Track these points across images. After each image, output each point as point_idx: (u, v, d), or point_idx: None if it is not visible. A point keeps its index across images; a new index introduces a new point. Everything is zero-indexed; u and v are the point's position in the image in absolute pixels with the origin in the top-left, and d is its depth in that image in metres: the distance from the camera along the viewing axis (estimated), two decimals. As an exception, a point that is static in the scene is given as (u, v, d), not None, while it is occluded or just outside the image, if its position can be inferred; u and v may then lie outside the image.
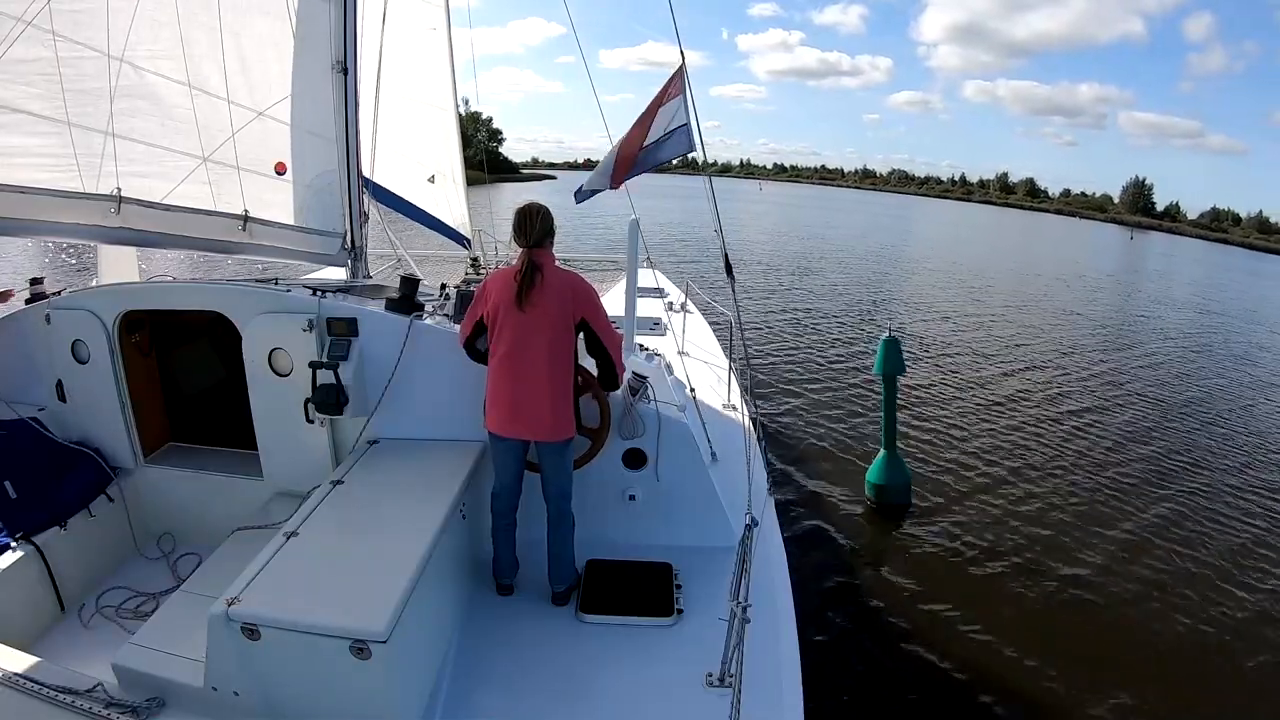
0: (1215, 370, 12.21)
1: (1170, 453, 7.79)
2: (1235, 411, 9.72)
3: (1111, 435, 8.16)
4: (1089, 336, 14.10)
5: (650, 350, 3.92)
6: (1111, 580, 5.07)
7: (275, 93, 3.51)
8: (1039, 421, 8.40)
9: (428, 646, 2.28)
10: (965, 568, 5.10)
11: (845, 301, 15.45)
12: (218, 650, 1.95)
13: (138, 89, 3.08)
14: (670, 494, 3.04)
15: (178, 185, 3.25)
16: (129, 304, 3.16)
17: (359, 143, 3.81)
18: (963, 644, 4.26)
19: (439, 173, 5.87)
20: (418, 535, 2.27)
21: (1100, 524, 5.89)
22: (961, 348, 12.04)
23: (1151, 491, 6.67)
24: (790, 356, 10.44)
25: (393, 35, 4.51)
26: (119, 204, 3.03)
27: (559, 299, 2.55)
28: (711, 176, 3.38)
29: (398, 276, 3.30)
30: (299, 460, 3.07)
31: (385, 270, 5.39)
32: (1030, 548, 5.42)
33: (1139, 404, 9.60)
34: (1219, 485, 6.97)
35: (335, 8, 3.55)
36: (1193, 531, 5.90)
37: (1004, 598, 4.78)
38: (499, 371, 2.59)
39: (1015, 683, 3.96)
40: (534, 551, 2.74)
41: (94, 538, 3.03)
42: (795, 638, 2.42)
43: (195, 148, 3.30)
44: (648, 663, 2.36)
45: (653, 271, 7.45)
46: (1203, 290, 24.98)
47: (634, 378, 3.03)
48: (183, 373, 3.76)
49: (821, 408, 8.27)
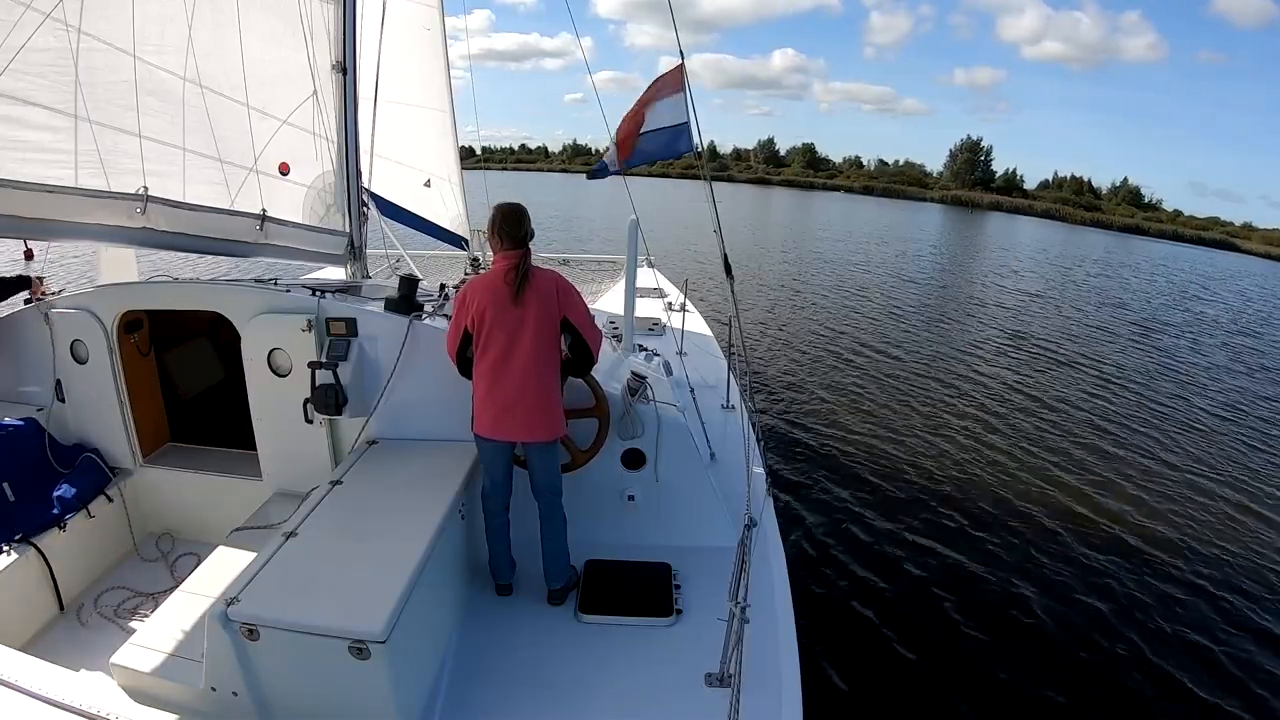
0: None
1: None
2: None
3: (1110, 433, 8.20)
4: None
5: (649, 350, 3.93)
6: (1129, 592, 5.07)
7: (277, 92, 3.51)
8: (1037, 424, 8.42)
9: (427, 647, 2.28)
10: (966, 567, 5.11)
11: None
12: (217, 650, 1.95)
13: (147, 84, 3.02)
14: (669, 494, 3.05)
15: (195, 185, 3.20)
16: (128, 304, 3.16)
17: (359, 143, 3.82)
18: (963, 644, 4.27)
19: (435, 176, 5.86)
20: (416, 536, 2.27)
21: (1109, 524, 5.91)
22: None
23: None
24: (789, 356, 10.44)
25: (389, 36, 4.50)
26: (145, 203, 2.96)
27: (545, 298, 2.55)
28: (711, 178, 3.38)
29: (397, 277, 3.30)
30: (298, 460, 3.07)
31: (385, 270, 5.39)
32: (1032, 548, 5.43)
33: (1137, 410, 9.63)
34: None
35: (335, 8, 3.56)
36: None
37: (1004, 597, 4.78)
38: (490, 375, 2.57)
39: (1016, 682, 3.96)
40: (532, 552, 2.74)
41: (93, 538, 3.03)
42: (794, 637, 2.42)
43: (207, 146, 3.27)
44: (647, 663, 2.36)
45: (652, 271, 7.45)
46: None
47: (633, 378, 3.03)
48: (182, 373, 3.76)
49: (821, 407, 8.27)
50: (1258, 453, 8.23)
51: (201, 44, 3.14)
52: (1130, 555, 5.47)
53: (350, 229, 3.95)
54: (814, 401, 8.49)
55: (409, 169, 5.56)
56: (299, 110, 3.61)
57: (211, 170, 3.29)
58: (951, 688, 3.88)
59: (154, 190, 3.01)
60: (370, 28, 4.06)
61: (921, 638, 4.27)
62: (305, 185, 3.76)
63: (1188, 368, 12.16)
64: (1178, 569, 5.34)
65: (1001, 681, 3.97)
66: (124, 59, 2.88)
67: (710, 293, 11.85)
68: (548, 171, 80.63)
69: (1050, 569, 5.17)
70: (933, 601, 4.66)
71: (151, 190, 3.00)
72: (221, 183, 3.33)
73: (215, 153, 3.29)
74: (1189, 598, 4.99)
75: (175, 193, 3.12)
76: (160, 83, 3.03)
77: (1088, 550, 5.47)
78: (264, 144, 3.50)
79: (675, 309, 5.90)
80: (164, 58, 3.03)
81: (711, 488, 3.05)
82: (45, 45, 2.61)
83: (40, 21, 2.57)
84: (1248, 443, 8.53)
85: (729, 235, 3.31)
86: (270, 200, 3.51)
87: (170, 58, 3.06)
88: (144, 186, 2.97)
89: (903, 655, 4.11)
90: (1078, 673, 4.10)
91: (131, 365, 3.23)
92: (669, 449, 3.03)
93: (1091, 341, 13.33)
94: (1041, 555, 5.34)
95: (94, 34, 2.74)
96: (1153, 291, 22.34)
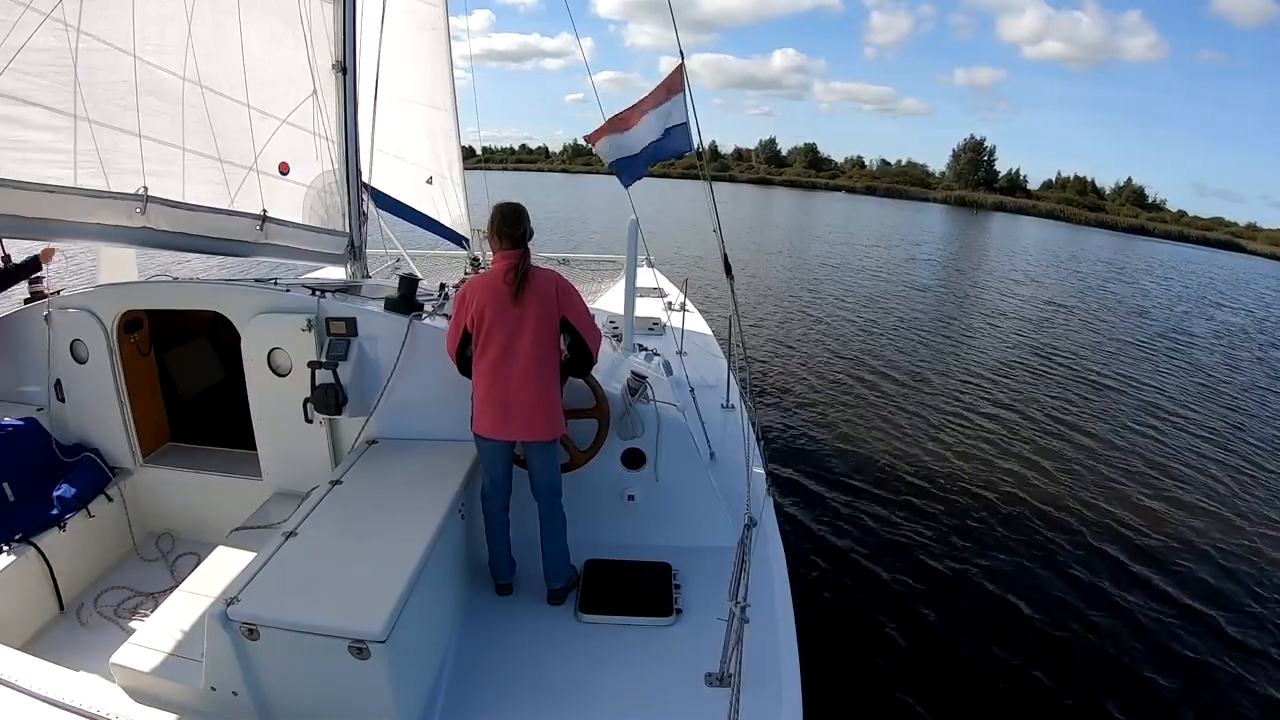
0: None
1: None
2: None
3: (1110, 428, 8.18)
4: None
5: (649, 350, 3.93)
6: (1126, 586, 5.07)
7: (277, 92, 3.50)
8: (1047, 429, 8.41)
9: (426, 647, 2.28)
10: (967, 567, 5.10)
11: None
12: (216, 650, 1.96)
13: (147, 84, 3.01)
14: (669, 494, 3.04)
15: (194, 185, 3.20)
16: (128, 304, 3.16)
17: (359, 142, 3.82)
18: (964, 643, 4.26)
19: (437, 174, 5.87)
20: (416, 535, 2.27)
21: (1109, 523, 5.90)
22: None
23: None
24: (790, 356, 10.44)
25: (390, 35, 4.50)
26: (145, 203, 2.95)
27: (545, 298, 2.55)
28: (711, 178, 3.38)
29: (397, 276, 3.30)
30: (298, 460, 3.07)
31: (385, 270, 5.39)
32: (1032, 548, 5.42)
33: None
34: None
35: (335, 7, 3.56)
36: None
37: (1005, 597, 4.78)
38: (490, 375, 2.57)
39: (1016, 682, 3.96)
40: (532, 552, 2.74)
41: (93, 538, 3.03)
42: (794, 637, 2.42)
43: (207, 146, 3.27)
44: (646, 663, 2.36)
45: (652, 271, 7.45)
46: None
47: (633, 378, 3.03)
48: (182, 373, 3.76)
49: (822, 406, 8.27)
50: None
51: (201, 44, 3.14)
52: (1130, 555, 5.47)
53: (350, 229, 3.95)
54: (814, 401, 8.49)
55: (411, 166, 5.57)
56: (299, 110, 3.61)
57: (211, 170, 3.28)
58: (952, 687, 3.88)
59: (154, 190, 3.00)
60: (372, 27, 4.06)
61: (922, 637, 4.27)
62: (305, 185, 3.76)
63: (1229, 388, 11.02)
64: (1176, 564, 5.35)
65: (1002, 681, 3.97)
66: (124, 59, 2.87)
67: (710, 292, 11.85)
68: (548, 172, 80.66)
69: (1051, 569, 5.16)
70: (933, 601, 4.66)
71: (151, 190, 2.99)
72: (221, 183, 3.32)
73: (215, 152, 3.29)
74: (1195, 617, 4.98)
75: (175, 193, 3.11)
76: (160, 82, 3.03)
77: (1088, 551, 5.47)
78: (264, 144, 3.50)
79: (675, 309, 5.90)
80: (164, 57, 3.03)
81: (711, 488, 3.05)
82: (45, 45, 2.61)
83: (40, 21, 2.57)
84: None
85: (729, 236, 3.31)
86: (270, 200, 3.51)
87: (170, 57, 3.05)
88: (144, 186, 2.97)
89: (903, 655, 4.10)
90: (1078, 673, 4.09)
91: (131, 365, 3.23)
92: (669, 449, 3.03)
93: (1117, 358, 12.14)
94: (1042, 555, 5.34)
95: (94, 34, 2.74)
96: (1171, 298, 21.55)
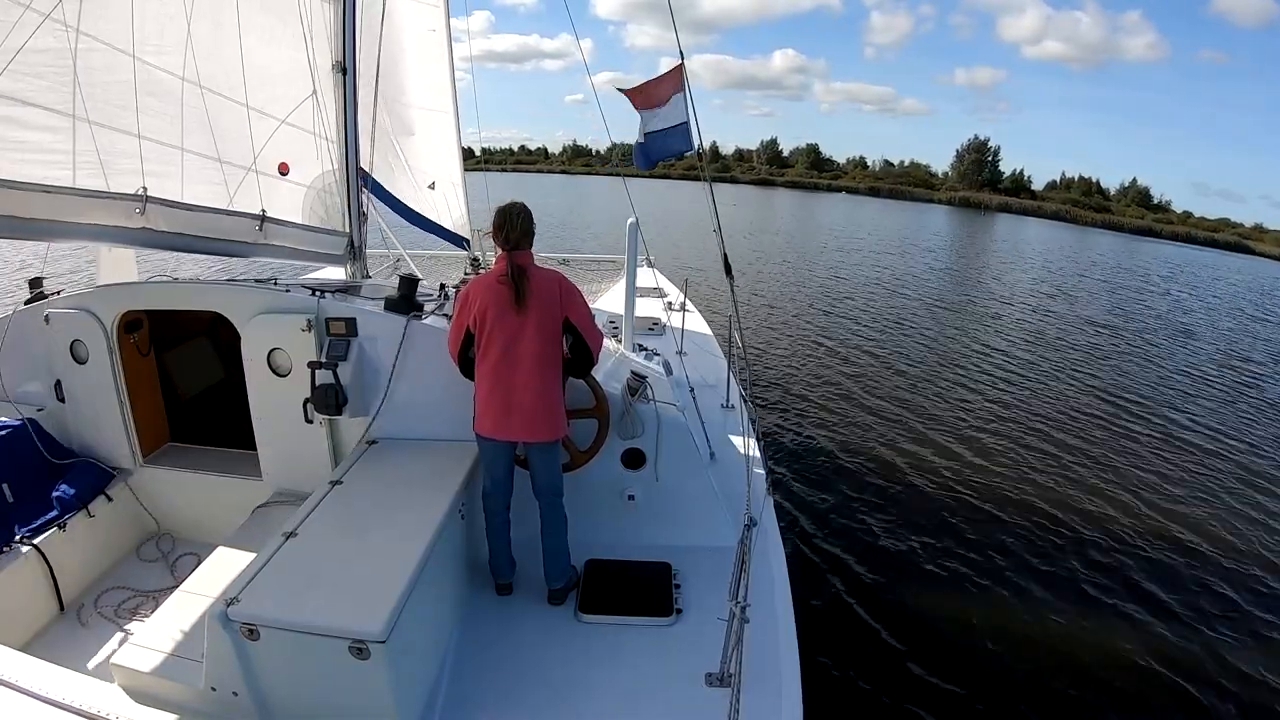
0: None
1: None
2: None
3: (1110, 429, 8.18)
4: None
5: (649, 350, 3.93)
6: (1126, 586, 5.07)
7: (277, 92, 3.50)
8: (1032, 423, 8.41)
9: (427, 647, 2.28)
10: (967, 567, 5.10)
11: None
12: (217, 650, 1.96)
13: (146, 85, 3.00)
14: (669, 494, 3.05)
15: (193, 185, 3.19)
16: (128, 304, 3.16)
17: (359, 143, 3.82)
18: (964, 643, 4.26)
19: (439, 177, 5.86)
20: (416, 535, 2.27)
21: (1114, 521, 5.90)
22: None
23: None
24: (789, 356, 10.44)
25: (392, 38, 4.51)
26: (144, 203, 2.94)
27: (547, 299, 2.54)
28: (712, 179, 3.38)
29: (397, 277, 3.30)
30: (298, 460, 3.07)
31: (385, 270, 5.39)
32: (1032, 548, 5.42)
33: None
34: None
35: (335, 8, 3.56)
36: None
37: (1005, 597, 4.78)
38: (492, 376, 2.57)
39: (1016, 682, 3.96)
40: (533, 551, 2.74)
41: (93, 538, 3.03)
42: (794, 637, 2.42)
43: (206, 147, 3.26)
44: (646, 662, 2.36)
45: (652, 271, 7.45)
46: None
47: (633, 378, 3.03)
48: (182, 373, 3.76)
49: (822, 406, 8.27)
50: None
51: (201, 44, 3.14)
52: (1128, 554, 5.47)
53: (350, 229, 3.94)
54: (814, 401, 8.48)
55: (413, 169, 5.57)
56: (298, 110, 3.61)
57: (211, 170, 3.28)
58: (952, 687, 3.88)
59: (153, 190, 3.00)
60: (373, 28, 4.06)
61: (922, 637, 4.27)
62: (305, 185, 3.76)
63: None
64: (1181, 573, 5.34)
65: (1002, 681, 3.96)
66: (123, 59, 2.87)
67: (710, 293, 11.85)
68: (548, 173, 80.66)
69: (1051, 570, 5.17)
70: (933, 601, 4.66)
71: (150, 190, 2.99)
72: (221, 183, 3.32)
73: (214, 153, 3.28)
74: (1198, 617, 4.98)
75: (174, 193, 3.11)
76: (159, 83, 3.02)
77: (1088, 551, 5.47)
78: (263, 144, 3.50)
79: (675, 309, 5.90)
80: (163, 58, 3.02)
81: (711, 487, 3.05)
82: (44, 46, 2.60)
83: (39, 22, 2.56)
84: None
85: (730, 237, 3.31)
86: (270, 200, 3.51)
87: (169, 58, 3.05)
88: (143, 187, 2.96)
89: (903, 655, 4.10)
90: (1078, 673, 4.09)
91: (131, 365, 3.23)
92: (669, 449, 3.03)
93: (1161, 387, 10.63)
94: (1042, 555, 5.34)
95: (93, 34, 2.73)
96: (1204, 306, 20.57)
